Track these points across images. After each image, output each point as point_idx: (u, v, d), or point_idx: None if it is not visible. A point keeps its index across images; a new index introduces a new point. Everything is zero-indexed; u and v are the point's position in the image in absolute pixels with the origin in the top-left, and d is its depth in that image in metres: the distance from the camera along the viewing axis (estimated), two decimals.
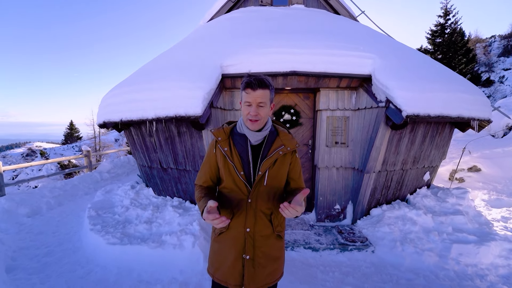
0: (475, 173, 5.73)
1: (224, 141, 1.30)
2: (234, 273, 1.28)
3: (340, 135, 3.76)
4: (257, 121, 1.23)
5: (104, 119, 3.53)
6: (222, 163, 1.30)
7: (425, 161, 3.85)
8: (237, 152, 1.28)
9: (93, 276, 2.73)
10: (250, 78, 1.22)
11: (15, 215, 4.20)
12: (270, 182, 1.28)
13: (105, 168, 7.13)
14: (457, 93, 3.08)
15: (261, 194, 1.28)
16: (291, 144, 1.31)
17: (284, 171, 1.33)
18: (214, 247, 1.36)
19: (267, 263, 1.31)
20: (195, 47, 3.97)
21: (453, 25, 16.60)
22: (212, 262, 1.36)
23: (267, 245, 1.31)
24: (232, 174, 1.27)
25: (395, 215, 3.47)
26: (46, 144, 30.90)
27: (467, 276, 2.69)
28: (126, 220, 3.73)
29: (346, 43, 3.49)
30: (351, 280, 2.65)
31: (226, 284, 1.30)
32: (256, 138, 1.29)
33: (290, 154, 1.33)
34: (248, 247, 1.27)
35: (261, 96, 1.21)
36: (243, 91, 1.23)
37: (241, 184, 1.27)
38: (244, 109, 1.24)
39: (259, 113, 1.22)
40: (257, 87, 1.20)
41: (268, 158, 1.27)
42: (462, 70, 15.33)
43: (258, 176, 1.25)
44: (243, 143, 1.30)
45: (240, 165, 1.26)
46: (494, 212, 3.97)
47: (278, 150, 1.28)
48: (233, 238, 1.29)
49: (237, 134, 1.33)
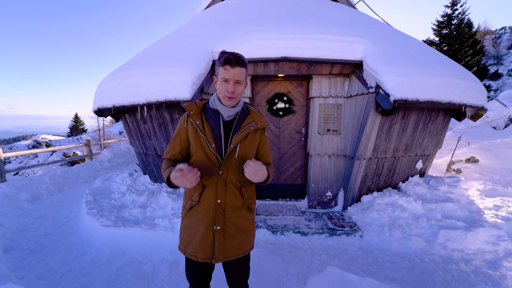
0: (472, 164, 5.68)
1: (196, 115, 1.32)
2: (205, 246, 1.30)
3: (332, 123, 3.76)
4: (233, 98, 1.26)
5: (99, 105, 3.58)
6: (193, 136, 1.31)
7: (417, 149, 3.83)
8: (209, 126, 1.31)
9: (87, 257, 2.83)
10: (230, 55, 1.21)
11: (15, 200, 4.33)
12: (241, 155, 1.32)
13: (105, 157, 7.25)
14: (449, 78, 3.04)
15: (232, 166, 1.31)
16: (261, 122, 1.38)
17: (254, 146, 1.38)
18: (185, 222, 1.38)
19: (237, 233, 1.35)
20: (188, 34, 3.96)
21: (460, 15, 16.14)
22: (183, 238, 1.37)
23: (238, 216, 1.35)
24: (204, 147, 1.29)
25: (385, 202, 3.48)
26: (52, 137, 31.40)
27: (452, 260, 2.71)
28: (122, 205, 3.84)
29: (339, 28, 3.45)
30: (337, 262, 2.70)
31: (196, 258, 1.32)
32: (229, 114, 1.32)
33: (260, 131, 1.39)
34: (219, 217, 1.30)
35: (239, 74, 1.22)
36: (221, 67, 1.23)
37: (212, 156, 1.29)
38: (221, 85, 1.25)
39: (236, 90, 1.24)
40: (235, 64, 1.21)
41: (240, 132, 1.31)
42: (468, 62, 14.98)
43: (230, 149, 1.29)
44: (215, 118, 1.33)
45: (212, 137, 1.29)
46: (488, 201, 3.95)
47: (249, 125, 1.33)
48: (204, 210, 1.31)
49: (210, 109, 1.35)
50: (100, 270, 2.58)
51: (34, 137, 28.73)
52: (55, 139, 27.48)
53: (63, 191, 5.25)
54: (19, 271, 2.54)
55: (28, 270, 2.56)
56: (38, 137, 28.11)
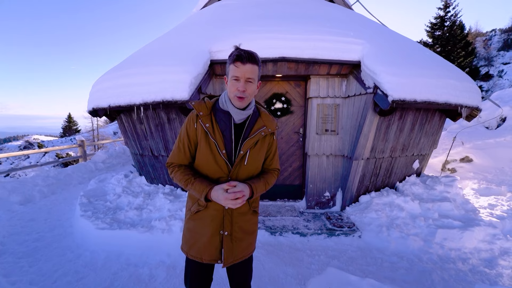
0: (467, 164, 5.76)
1: (205, 116, 1.23)
2: (211, 249, 1.29)
3: (330, 123, 3.76)
4: (244, 98, 1.19)
5: (93, 105, 3.51)
6: (202, 139, 1.24)
7: (414, 149, 3.87)
8: (219, 130, 1.24)
9: (82, 260, 2.76)
10: (241, 51, 1.16)
11: (6, 202, 4.22)
12: (250, 161, 1.27)
13: (100, 158, 7.12)
14: (445, 79, 3.07)
15: (241, 173, 1.27)
16: (272, 126, 1.32)
17: (263, 152, 1.33)
18: (189, 224, 1.34)
19: (244, 236, 1.34)
20: (185, 33, 3.92)
21: (452, 17, 16.45)
22: (187, 240, 1.35)
23: (244, 220, 1.33)
24: (214, 152, 1.23)
25: (383, 202, 3.50)
26: (44, 137, 30.80)
27: (449, 259, 2.73)
28: (117, 207, 3.76)
29: (337, 29, 3.45)
30: (336, 263, 2.70)
31: (200, 260, 1.30)
32: (241, 117, 1.25)
33: (269, 135, 1.34)
34: (226, 223, 1.29)
35: (250, 71, 1.15)
36: (231, 64, 1.16)
37: (222, 162, 1.24)
38: (231, 84, 1.18)
39: (247, 89, 1.17)
40: (247, 61, 1.14)
41: (250, 138, 1.25)
42: (460, 63, 15.26)
43: (240, 156, 1.24)
44: (226, 121, 1.26)
45: (222, 143, 1.23)
46: (482, 200, 4.01)
47: (260, 131, 1.27)
48: (211, 215, 1.28)
49: (220, 110, 1.28)
50: (95, 274, 2.52)
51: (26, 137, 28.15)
52: (47, 140, 26.95)
53: (56, 193, 5.13)
54: (11, 276, 2.46)
55: (20, 275, 2.48)
56: (30, 138, 27.54)
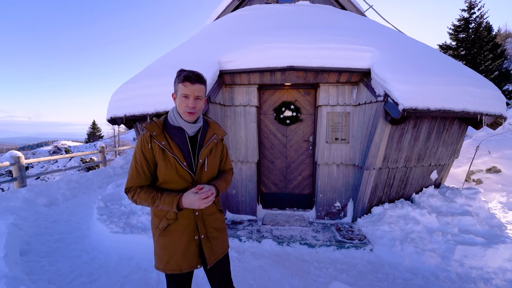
0: (494, 174, 5.36)
1: (159, 135, 1.31)
2: (189, 257, 1.36)
3: (340, 131, 3.70)
4: (194, 113, 1.31)
5: (111, 115, 3.72)
6: (160, 157, 1.30)
7: (431, 159, 3.67)
8: (175, 144, 1.32)
9: (96, 262, 2.90)
10: (189, 72, 1.28)
11: (34, 204, 4.54)
12: (209, 167, 1.40)
13: (118, 164, 7.48)
14: (462, 86, 2.91)
15: (203, 179, 1.38)
16: (221, 133, 1.49)
17: (218, 156, 1.49)
18: (161, 242, 1.37)
19: (218, 235, 1.47)
20: (197, 45, 4.08)
21: (478, 19, 15.60)
22: (161, 257, 1.38)
23: (214, 219, 1.46)
24: (175, 166, 1.30)
25: (397, 214, 3.34)
26: (71, 143, 32.85)
27: (470, 278, 2.54)
28: (131, 211, 3.92)
29: (346, 37, 3.42)
30: (344, 277, 2.60)
31: (180, 271, 1.36)
32: (193, 130, 1.37)
33: (220, 141, 1.51)
34: (200, 227, 1.39)
35: (198, 90, 1.29)
36: (180, 83, 1.27)
37: (185, 173, 1.32)
38: (181, 101, 1.29)
39: (196, 106, 1.30)
40: (195, 81, 1.27)
41: (205, 147, 1.39)
42: (488, 66, 14.37)
43: (200, 164, 1.36)
44: (180, 135, 1.36)
45: (182, 156, 1.32)
46: (511, 215, 3.70)
47: (212, 139, 1.43)
48: (183, 225, 1.36)
49: (172, 127, 1.36)
50: (107, 276, 2.63)
51: (55, 143, 30.20)
52: (73, 145, 28.74)
53: (78, 196, 5.45)
54: (33, 274, 2.63)
55: (41, 273, 2.66)
56: (59, 143, 29.51)
